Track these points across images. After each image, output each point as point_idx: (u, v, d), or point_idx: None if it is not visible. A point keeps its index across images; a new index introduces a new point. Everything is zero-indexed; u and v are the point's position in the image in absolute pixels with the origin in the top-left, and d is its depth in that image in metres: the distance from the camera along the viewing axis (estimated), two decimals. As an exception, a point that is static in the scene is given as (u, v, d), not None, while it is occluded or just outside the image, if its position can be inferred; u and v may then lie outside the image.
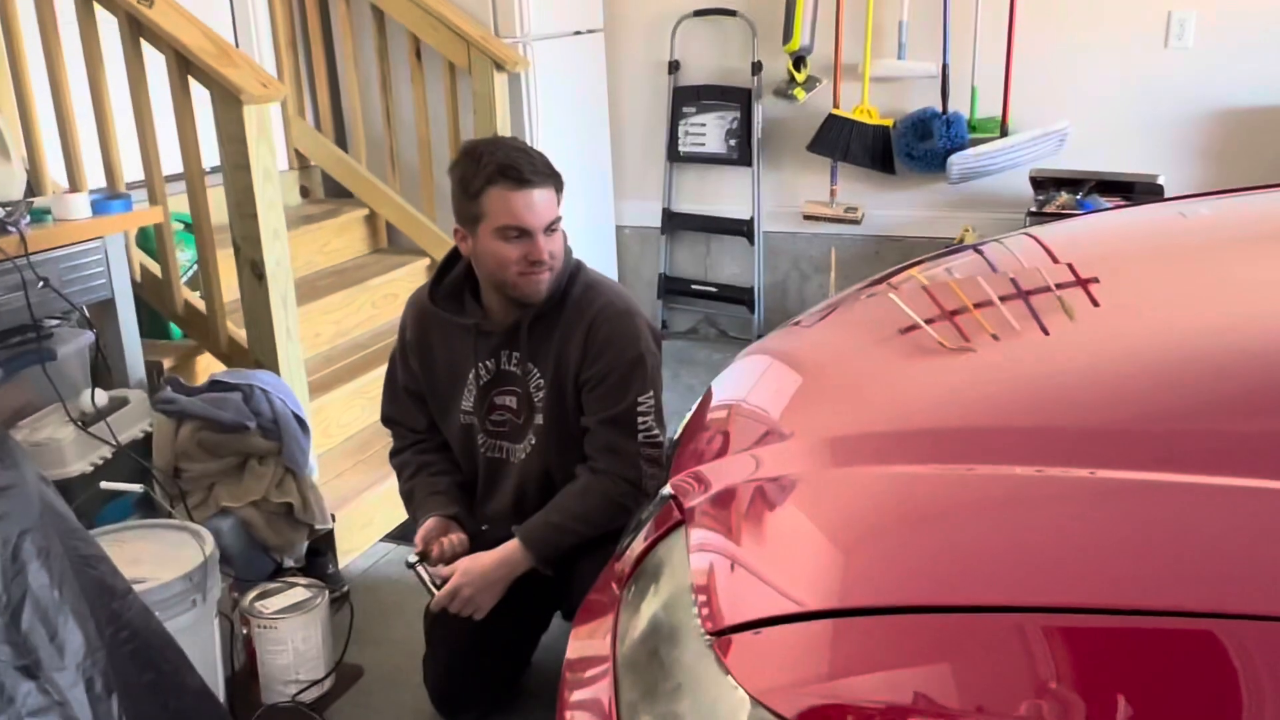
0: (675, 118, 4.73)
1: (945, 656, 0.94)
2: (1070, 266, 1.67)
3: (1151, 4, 4.05)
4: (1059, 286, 1.55)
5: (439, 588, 2.12)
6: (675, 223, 4.91)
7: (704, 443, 1.54)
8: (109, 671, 1.19)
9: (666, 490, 1.41)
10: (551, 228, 2.16)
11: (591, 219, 4.66)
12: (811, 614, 1.00)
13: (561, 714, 1.22)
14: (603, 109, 4.80)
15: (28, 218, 2.41)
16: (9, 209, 2.39)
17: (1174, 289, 1.55)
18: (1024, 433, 1.22)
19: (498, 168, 2.08)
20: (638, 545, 1.35)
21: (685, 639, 1.07)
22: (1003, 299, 1.52)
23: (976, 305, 1.53)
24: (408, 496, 2.44)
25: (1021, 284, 1.60)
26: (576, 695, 1.27)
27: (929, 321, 1.51)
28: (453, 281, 2.31)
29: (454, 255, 2.30)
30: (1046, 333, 1.42)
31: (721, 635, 1.01)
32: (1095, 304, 1.52)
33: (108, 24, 2.83)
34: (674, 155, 4.79)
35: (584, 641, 1.34)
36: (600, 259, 4.50)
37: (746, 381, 1.68)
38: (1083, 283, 1.58)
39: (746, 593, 1.11)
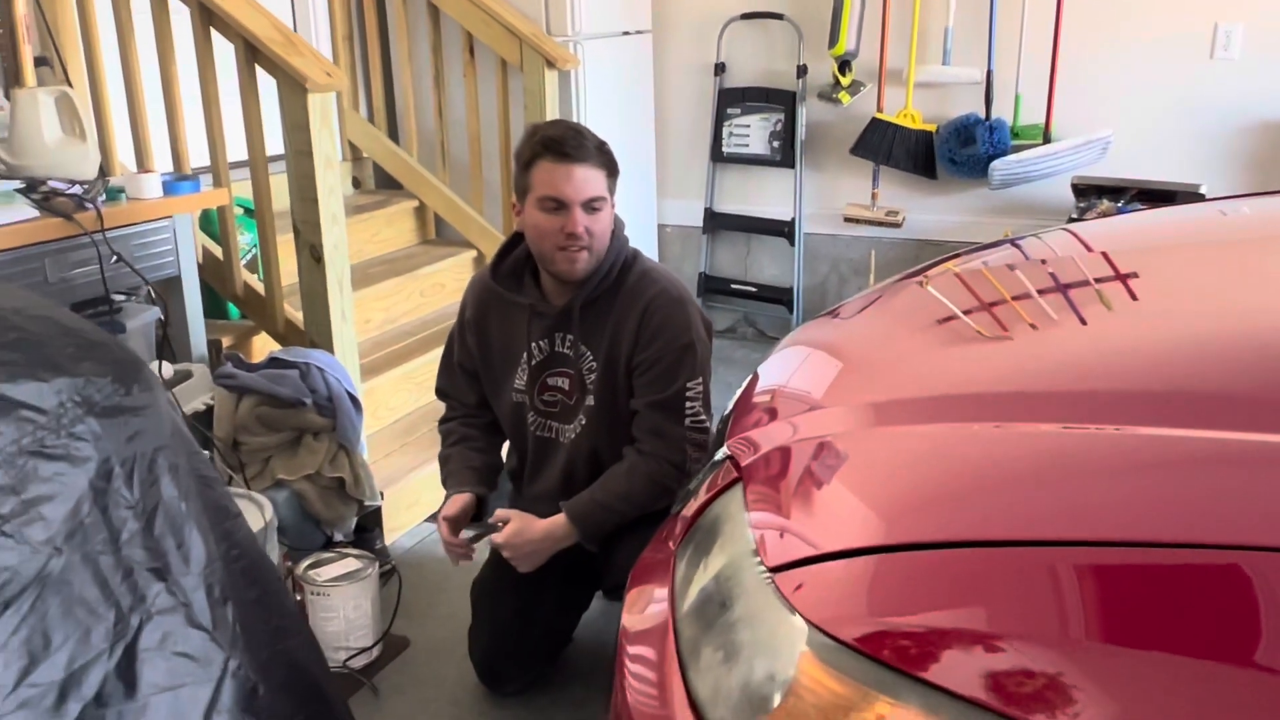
0: (720, 119, 4.76)
1: (980, 586, 0.98)
2: (1107, 258, 1.69)
3: (1199, 15, 4.04)
4: (1097, 280, 1.56)
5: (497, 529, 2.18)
6: (717, 222, 4.93)
7: (752, 416, 1.56)
8: (225, 582, 1.23)
9: (722, 453, 1.44)
10: (594, 206, 2.18)
11: (634, 217, 4.60)
12: (861, 550, 1.04)
13: (621, 663, 1.24)
14: (649, 108, 4.82)
15: (103, 195, 2.49)
16: (86, 186, 2.47)
17: (1211, 283, 1.56)
18: (1053, 396, 1.26)
19: (544, 141, 2.12)
20: (693, 505, 1.38)
21: (744, 577, 1.11)
22: (1040, 292, 1.53)
23: (1015, 298, 1.53)
24: (444, 460, 2.48)
25: (1060, 278, 1.61)
26: (636, 648, 1.29)
27: (966, 312, 1.53)
28: (514, 261, 2.34)
29: (517, 236, 2.34)
30: (1084, 322, 1.44)
31: (779, 571, 1.04)
32: (1134, 298, 1.54)
33: (179, 13, 2.89)
34: (717, 156, 4.82)
35: (641, 593, 1.37)
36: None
37: (790, 365, 1.71)
38: (1122, 277, 1.60)
39: (802, 533, 1.15)
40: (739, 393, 1.68)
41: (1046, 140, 4.18)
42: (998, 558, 1.00)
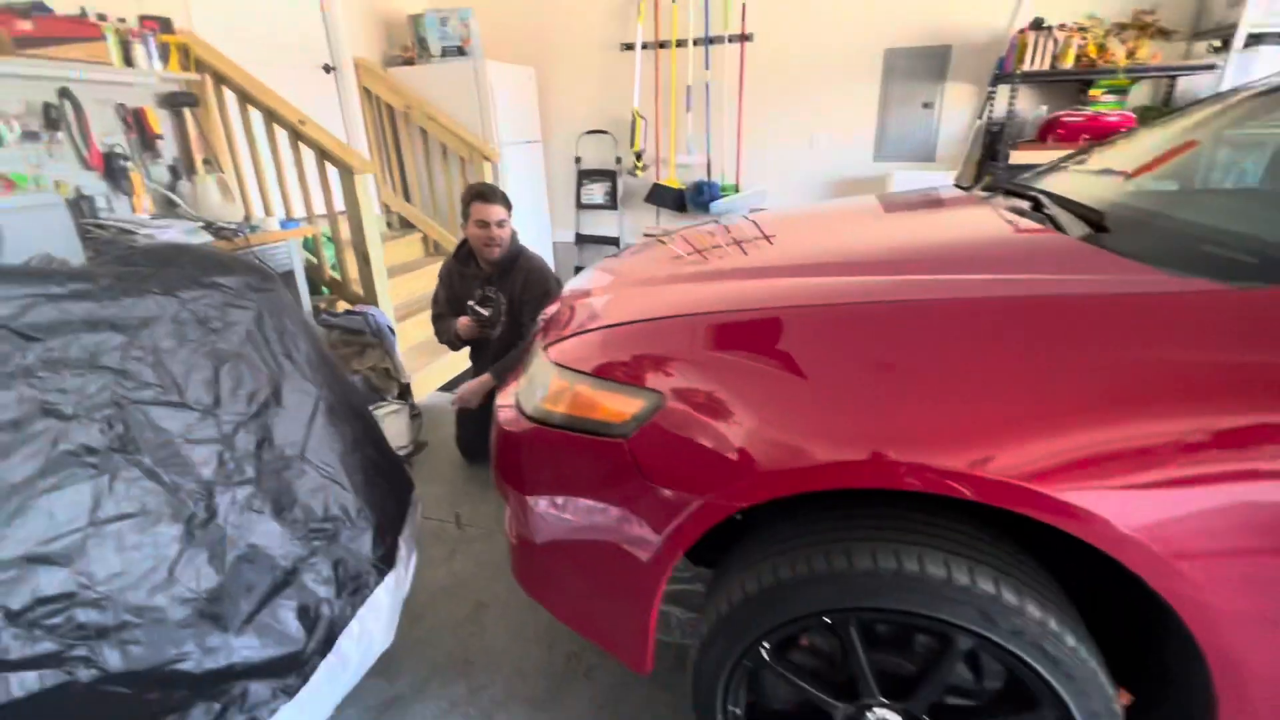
0: (579, 185, 4.79)
1: (651, 338, 0.99)
2: (759, 226, 1.52)
3: (802, 129, 4.26)
4: (755, 239, 1.40)
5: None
6: (581, 240, 4.90)
7: (558, 303, 1.41)
8: (320, 368, 1.20)
9: (542, 319, 1.40)
10: (500, 224, 2.22)
11: (538, 238, 4.73)
12: (576, 334, 1.08)
13: (496, 413, 1.20)
14: (541, 181, 4.79)
15: (248, 229, 2.57)
16: (237, 225, 2.57)
17: (805, 238, 1.39)
18: (713, 273, 1.18)
19: (475, 192, 2.22)
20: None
21: (539, 356, 1.14)
22: (727, 244, 1.41)
23: (713, 247, 1.40)
24: (437, 321, 2.42)
25: (736, 236, 1.47)
26: (503, 399, 1.24)
27: (685, 250, 1.42)
28: (465, 251, 2.34)
29: (465, 241, 2.30)
30: (745, 253, 1.31)
31: (547, 349, 1.11)
32: (771, 243, 1.35)
33: (282, 134, 2.93)
34: (579, 204, 4.83)
35: (510, 389, 1.29)
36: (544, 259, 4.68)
37: (582, 280, 1.50)
38: (766, 236, 1.40)
39: (555, 331, 1.16)
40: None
41: (738, 191, 4.34)
42: (661, 324, 1.00)
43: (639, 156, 4.53)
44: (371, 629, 1.09)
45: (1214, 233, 0.88)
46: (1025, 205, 1.27)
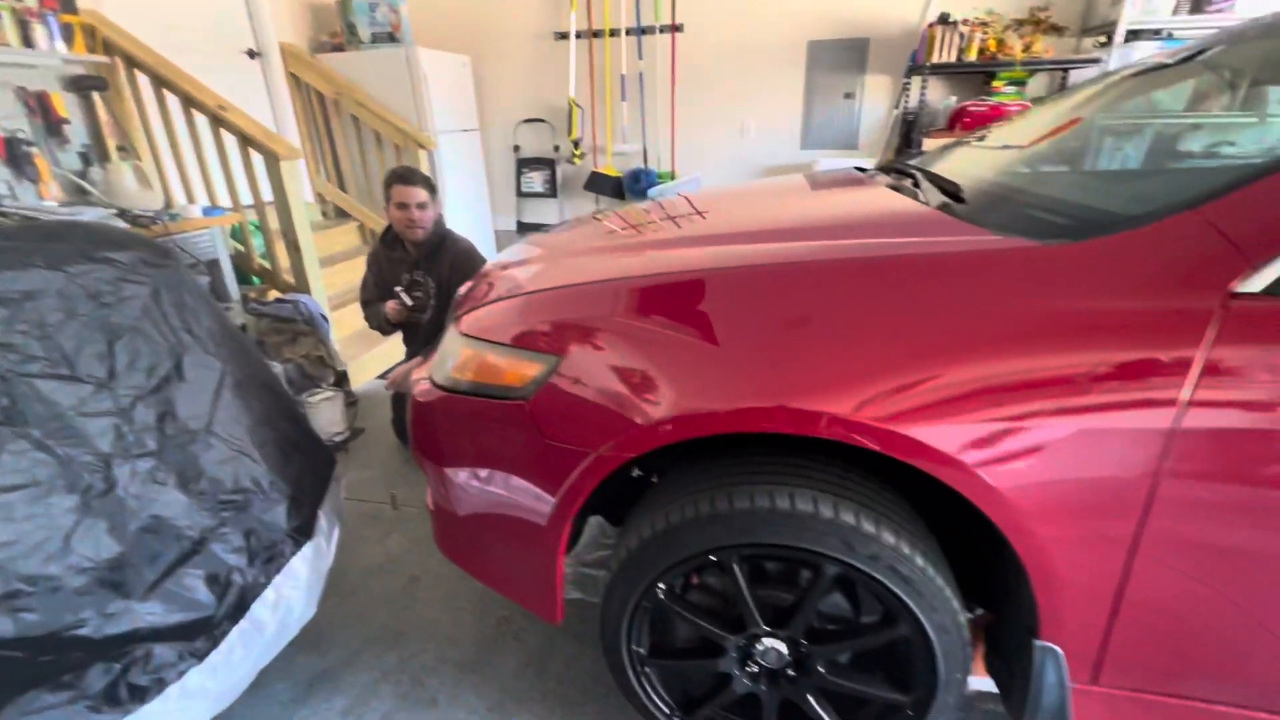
0: (519, 174, 4.76)
1: (549, 305, 1.01)
2: (691, 203, 1.50)
3: (733, 117, 4.32)
4: (688, 215, 1.35)
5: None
6: (523, 228, 4.87)
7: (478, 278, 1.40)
8: (227, 344, 1.18)
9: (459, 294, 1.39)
10: (421, 206, 2.17)
11: (479, 225, 4.67)
12: (483, 304, 1.11)
13: (400, 383, 1.22)
14: (481, 169, 4.71)
15: (167, 217, 2.47)
16: (158, 213, 2.48)
17: (736, 214, 1.33)
18: (637, 245, 1.17)
19: (395, 175, 2.19)
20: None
21: (451, 330, 1.16)
22: (661, 219, 1.37)
23: (648, 222, 1.38)
24: (366, 306, 2.37)
25: (670, 212, 1.43)
26: (419, 373, 1.24)
27: (619, 225, 1.40)
28: (391, 236, 2.31)
29: (391, 225, 2.26)
30: (679, 226, 1.26)
31: (458, 320, 1.14)
32: (704, 218, 1.29)
33: (203, 121, 2.80)
34: (519, 193, 4.80)
35: (426, 365, 1.28)
36: (483, 249, 4.54)
37: (504, 255, 1.52)
38: (699, 212, 1.37)
39: (468, 303, 1.18)
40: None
41: (674, 178, 4.39)
42: (542, 295, 1.03)
43: (577, 145, 4.53)
44: (289, 597, 1.10)
45: (1040, 200, 0.98)
46: (907, 183, 1.36)
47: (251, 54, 3.73)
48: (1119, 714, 0.90)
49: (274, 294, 3.01)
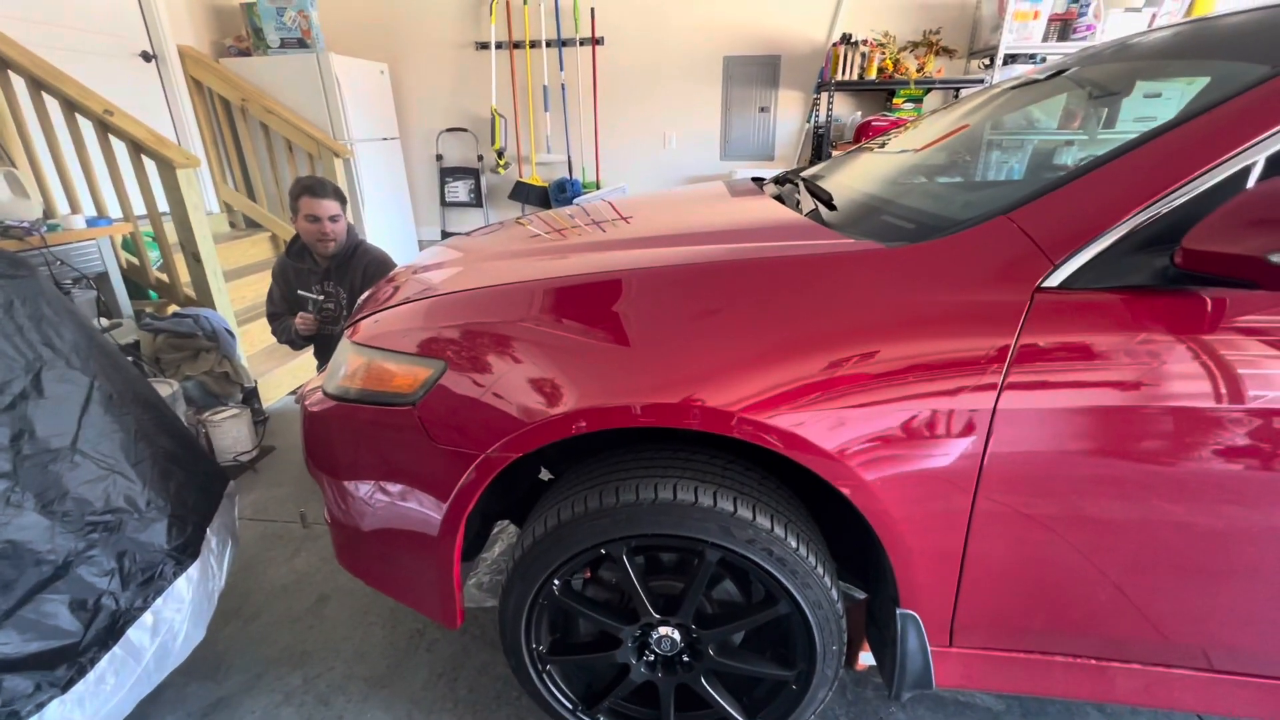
0: (442, 183, 4.70)
1: (436, 311, 1.01)
2: (615, 209, 1.54)
3: (655, 129, 4.40)
4: (612, 219, 1.37)
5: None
6: (448, 237, 4.81)
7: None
8: (96, 358, 1.12)
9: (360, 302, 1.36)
10: (334, 218, 2.14)
11: (402, 236, 4.58)
12: (375, 311, 1.11)
13: (305, 397, 1.18)
14: (403, 178, 4.63)
15: (45, 228, 2.33)
16: (34, 223, 2.32)
17: (663, 218, 1.32)
18: (556, 249, 1.16)
19: (303, 187, 2.14)
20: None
21: (344, 339, 1.14)
22: (585, 224, 1.36)
23: (572, 227, 1.36)
24: (274, 320, 2.34)
25: (593, 217, 1.43)
26: (312, 384, 1.26)
27: (542, 229, 1.40)
28: (298, 247, 2.29)
29: (298, 235, 2.25)
30: (604, 230, 1.26)
31: (349, 328, 1.14)
32: (628, 222, 1.31)
33: (87, 126, 2.65)
34: (443, 202, 4.74)
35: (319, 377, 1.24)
36: (407, 258, 4.35)
37: (414, 260, 1.47)
38: (623, 217, 1.38)
39: (361, 311, 1.17)
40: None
41: (599, 188, 4.45)
42: (430, 301, 1.03)
43: (500, 154, 4.52)
44: (172, 619, 1.05)
45: (893, 207, 1.07)
46: (792, 192, 1.45)
47: (146, 56, 3.54)
48: (974, 671, 0.99)
49: (173, 309, 2.88)
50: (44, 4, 3.02)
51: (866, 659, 1.11)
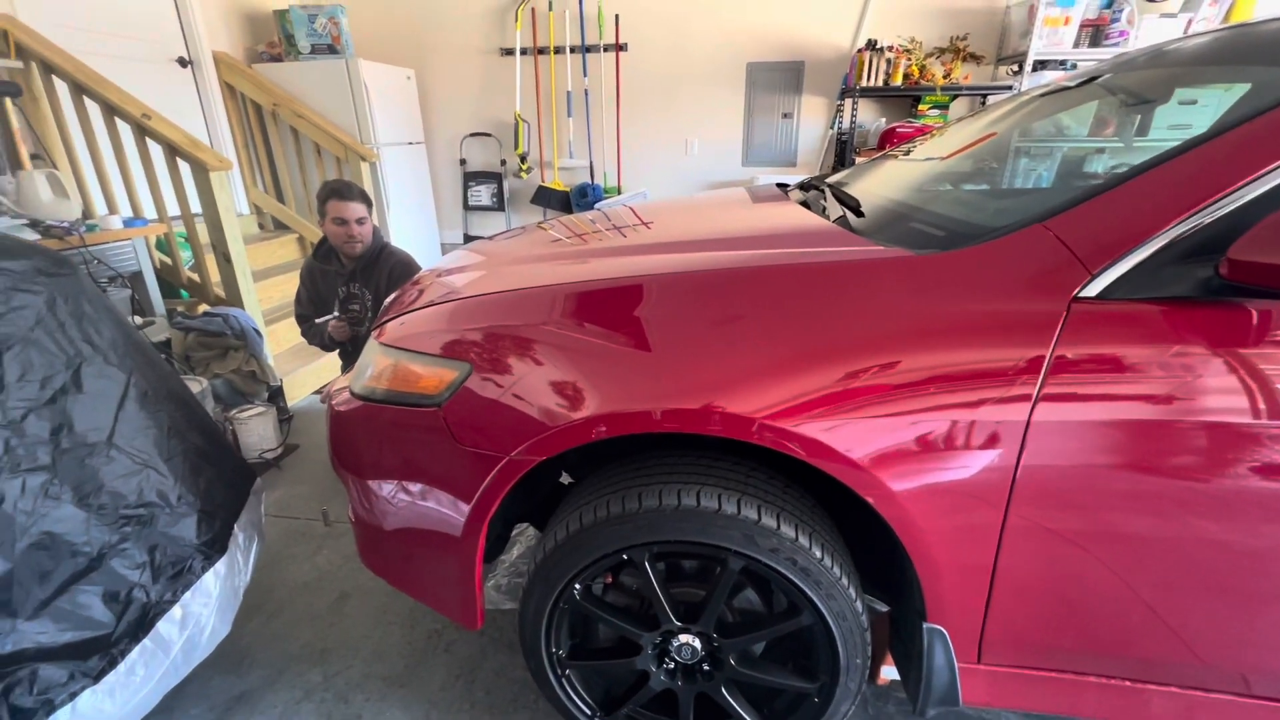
0: (466, 187, 4.74)
1: (461, 313, 1.01)
2: (637, 214, 1.52)
3: (678, 134, 4.42)
4: (633, 224, 1.36)
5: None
6: (469, 240, 4.52)
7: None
8: (132, 355, 1.14)
9: (386, 303, 1.37)
10: (360, 221, 2.17)
11: (425, 239, 4.62)
12: (401, 313, 1.12)
13: (331, 397, 1.20)
14: (427, 182, 4.67)
15: (84, 228, 2.39)
16: (73, 223, 2.38)
17: (684, 223, 1.34)
18: (584, 253, 1.16)
19: (331, 190, 2.17)
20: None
21: (371, 340, 1.14)
22: (606, 229, 1.36)
23: (594, 231, 1.36)
24: (303, 322, 2.38)
25: (615, 222, 1.42)
26: (338, 383, 1.27)
27: (565, 234, 1.39)
28: (325, 249, 2.31)
29: (325, 238, 2.26)
30: (624, 235, 1.25)
31: (376, 330, 1.14)
32: (649, 227, 1.30)
33: (126, 129, 2.74)
34: (466, 206, 4.78)
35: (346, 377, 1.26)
36: (429, 261, 4.39)
37: (439, 263, 1.45)
38: (644, 222, 1.37)
39: (388, 314, 1.16)
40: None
41: (620, 193, 4.44)
42: (457, 304, 1.04)
43: (523, 159, 4.54)
44: (199, 614, 1.07)
45: (922, 214, 1.06)
46: (818, 198, 1.44)
47: (183, 62, 3.63)
48: (1003, 689, 0.96)
49: (203, 308, 2.93)
50: (87, 11, 3.12)
51: (889, 673, 1.08)
